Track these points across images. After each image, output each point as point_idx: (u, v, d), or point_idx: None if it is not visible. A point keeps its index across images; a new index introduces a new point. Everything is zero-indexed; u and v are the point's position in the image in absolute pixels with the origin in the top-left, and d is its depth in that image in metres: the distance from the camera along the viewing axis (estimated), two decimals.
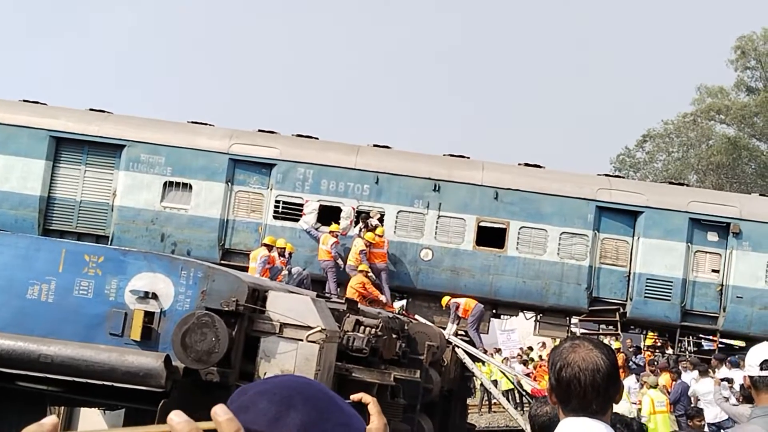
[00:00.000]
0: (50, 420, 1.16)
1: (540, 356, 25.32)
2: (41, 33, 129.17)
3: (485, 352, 19.46)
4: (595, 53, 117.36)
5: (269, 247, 17.85)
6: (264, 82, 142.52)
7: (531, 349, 27.11)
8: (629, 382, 18.70)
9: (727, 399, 12.72)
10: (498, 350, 32.01)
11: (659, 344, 23.17)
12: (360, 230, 18.97)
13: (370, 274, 18.23)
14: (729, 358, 18.31)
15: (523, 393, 20.32)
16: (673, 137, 51.57)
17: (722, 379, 12.84)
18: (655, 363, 20.47)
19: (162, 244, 19.13)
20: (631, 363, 23.29)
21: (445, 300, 18.80)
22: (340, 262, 18.64)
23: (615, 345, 22.28)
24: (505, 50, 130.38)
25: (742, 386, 12.19)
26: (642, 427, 4.09)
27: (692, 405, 15.62)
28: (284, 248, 18.25)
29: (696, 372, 17.98)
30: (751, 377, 4.34)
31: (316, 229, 19.10)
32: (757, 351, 4.43)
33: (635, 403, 17.51)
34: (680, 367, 19.55)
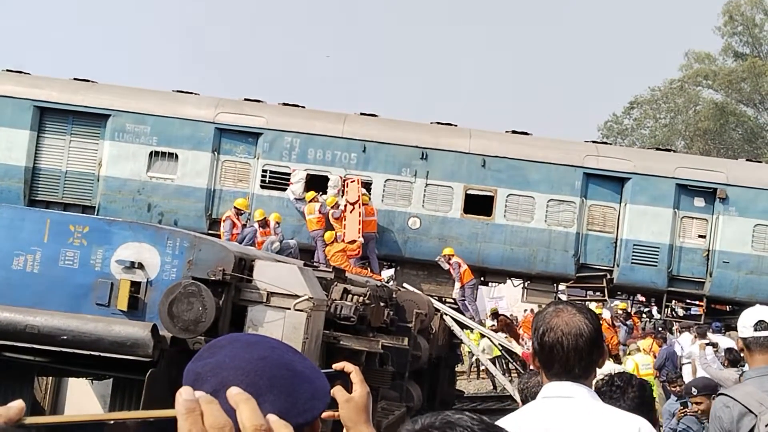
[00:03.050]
0: (17, 404, 1.16)
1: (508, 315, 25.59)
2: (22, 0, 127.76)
3: (481, 322, 19.53)
4: (582, 19, 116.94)
5: (239, 211, 17.72)
6: (249, 50, 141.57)
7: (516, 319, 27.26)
8: None
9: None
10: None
11: (645, 310, 23.37)
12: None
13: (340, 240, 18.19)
14: (712, 324, 18.43)
15: (511, 360, 20.44)
16: (661, 103, 51.60)
17: (707, 344, 12.95)
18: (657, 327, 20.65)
19: (149, 214, 19.05)
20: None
21: (448, 250, 18.68)
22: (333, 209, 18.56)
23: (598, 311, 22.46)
24: (492, 18, 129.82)
25: (727, 350, 12.30)
26: (643, 383, 4.09)
27: (676, 370, 15.73)
28: (264, 218, 18.07)
29: (688, 335, 18.13)
30: (744, 339, 4.36)
31: (300, 200, 18.98)
32: (750, 313, 4.46)
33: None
34: (669, 332, 19.71)
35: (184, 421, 1.19)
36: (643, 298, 22.47)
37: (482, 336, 21.03)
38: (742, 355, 4.55)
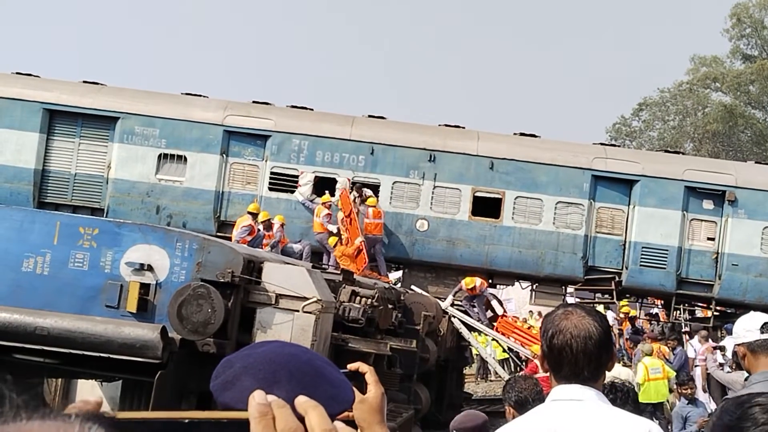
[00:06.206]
0: (95, 398, 1.20)
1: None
2: (32, 3, 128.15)
3: (490, 326, 19.53)
4: (590, 22, 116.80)
5: (254, 215, 17.62)
6: (258, 52, 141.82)
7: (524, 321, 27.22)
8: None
9: (721, 366, 12.80)
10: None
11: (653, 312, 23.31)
12: (354, 200, 18.95)
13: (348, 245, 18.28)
14: (725, 326, 18.37)
15: (519, 363, 20.42)
16: (669, 105, 51.43)
17: (715, 347, 12.91)
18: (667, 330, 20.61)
19: (157, 217, 19.08)
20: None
21: (467, 282, 18.68)
22: (333, 229, 18.59)
23: (625, 310, 22.43)
24: (501, 19, 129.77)
25: (734, 353, 12.27)
26: (631, 390, 4.11)
27: (687, 373, 15.71)
28: (268, 220, 17.93)
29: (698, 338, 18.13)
30: (749, 343, 4.31)
31: (312, 201, 19.07)
32: (751, 318, 4.43)
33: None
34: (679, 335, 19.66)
35: (257, 424, 1.22)
36: (661, 301, 22.29)
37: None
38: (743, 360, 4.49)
